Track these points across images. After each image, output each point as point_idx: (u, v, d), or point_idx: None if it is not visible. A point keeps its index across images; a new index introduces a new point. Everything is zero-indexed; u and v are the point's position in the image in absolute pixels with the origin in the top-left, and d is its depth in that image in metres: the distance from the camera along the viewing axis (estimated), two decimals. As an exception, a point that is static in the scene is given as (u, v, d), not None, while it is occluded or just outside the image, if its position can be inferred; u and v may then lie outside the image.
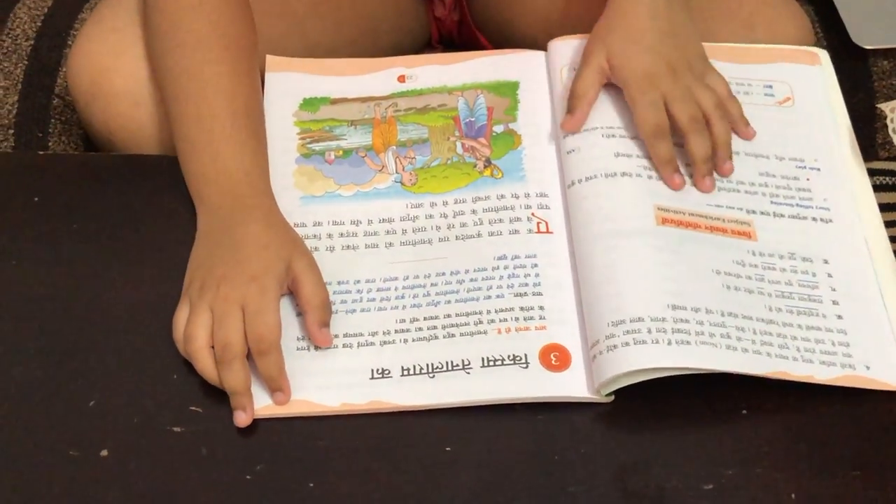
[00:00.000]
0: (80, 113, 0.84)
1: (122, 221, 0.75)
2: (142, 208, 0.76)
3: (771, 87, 0.79)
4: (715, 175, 0.73)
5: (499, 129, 0.77)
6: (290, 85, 0.79)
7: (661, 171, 0.72)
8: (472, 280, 0.70)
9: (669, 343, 0.63)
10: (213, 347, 0.64)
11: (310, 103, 0.79)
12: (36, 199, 0.76)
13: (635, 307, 0.65)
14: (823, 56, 0.81)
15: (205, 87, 0.73)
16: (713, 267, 0.68)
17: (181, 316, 0.66)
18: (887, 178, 0.94)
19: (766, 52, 0.81)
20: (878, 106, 0.79)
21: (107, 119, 0.81)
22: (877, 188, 0.81)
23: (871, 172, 0.79)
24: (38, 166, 0.81)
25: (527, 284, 0.69)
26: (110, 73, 0.80)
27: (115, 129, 0.81)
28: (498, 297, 0.69)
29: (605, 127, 0.74)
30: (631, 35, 0.73)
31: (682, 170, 0.73)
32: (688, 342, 0.63)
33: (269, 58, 0.81)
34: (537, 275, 0.69)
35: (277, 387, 0.64)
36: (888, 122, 0.76)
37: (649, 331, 0.63)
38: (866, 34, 0.96)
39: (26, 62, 0.98)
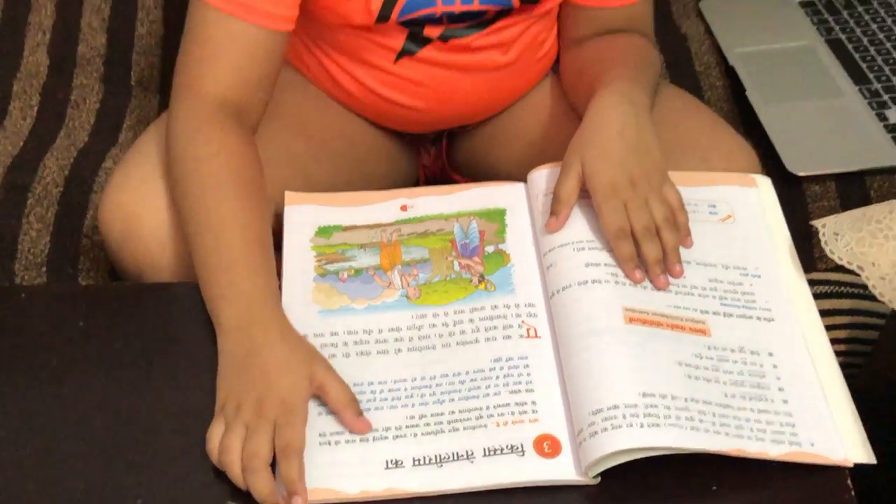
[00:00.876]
0: (112, 254, 0.93)
1: (157, 342, 0.83)
2: (173, 330, 0.85)
3: (714, 206, 0.90)
4: (672, 279, 0.83)
5: (490, 249, 0.88)
6: (306, 216, 0.90)
7: (623, 266, 0.83)
8: (472, 380, 0.79)
9: (642, 426, 0.72)
10: None
11: (324, 231, 0.89)
12: (81, 323, 0.84)
13: (611, 396, 0.74)
14: (761, 180, 0.93)
15: (222, 221, 0.83)
16: (676, 359, 0.78)
17: (216, 431, 0.74)
18: (826, 287, 1.06)
19: (709, 177, 0.92)
20: (812, 223, 0.90)
21: (137, 259, 0.90)
22: (818, 296, 0.91)
23: (812, 282, 0.90)
24: (80, 295, 0.90)
25: (520, 382, 0.78)
26: (140, 219, 0.89)
27: (145, 266, 0.90)
28: (495, 394, 0.78)
29: (574, 242, 0.85)
30: (602, 149, 0.85)
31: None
32: (658, 425, 0.73)
33: (288, 193, 0.91)
34: (529, 374, 0.79)
35: (295, 490, 0.72)
36: (821, 236, 0.87)
37: (624, 416, 0.73)
38: (799, 163, 1.09)
39: (57, 206, 1.07)
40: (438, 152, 1.12)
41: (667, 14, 1.29)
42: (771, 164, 1.07)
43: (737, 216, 0.90)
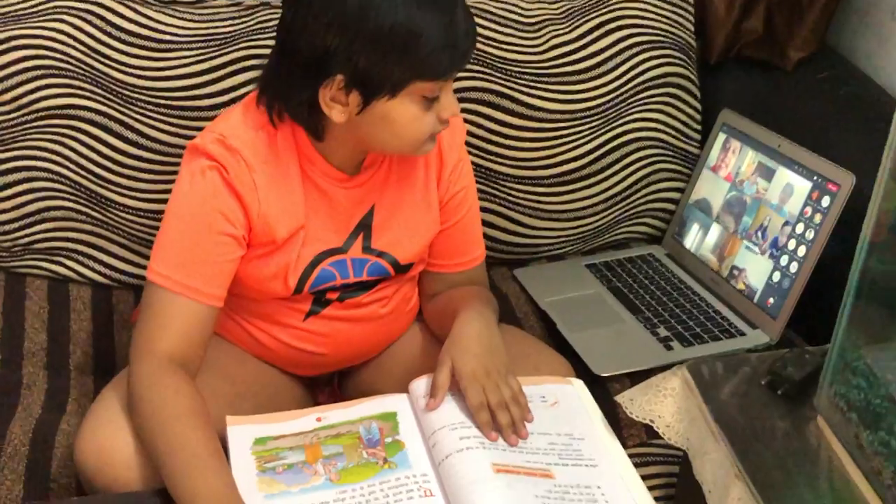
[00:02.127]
0: (87, 481, 1.13)
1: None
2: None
3: (544, 397, 1.21)
4: (522, 443, 1.12)
5: (389, 439, 1.14)
6: (245, 432, 1.15)
7: (482, 429, 1.12)
8: None
9: None
10: None
11: (260, 441, 1.13)
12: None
13: None
14: (575, 381, 1.25)
15: (189, 442, 1.07)
16: (534, 493, 1.05)
17: None
18: (637, 459, 1.35)
19: (539, 379, 1.23)
20: (615, 398, 1.22)
21: (108, 482, 1.12)
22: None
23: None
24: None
25: None
26: (111, 450, 1.11)
27: (116, 487, 1.11)
28: None
29: (448, 425, 1.13)
30: (465, 348, 1.16)
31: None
32: None
33: (229, 417, 1.16)
34: None
35: None
36: (622, 404, 1.19)
37: None
38: (601, 367, 1.42)
39: (26, 461, 1.27)
40: (332, 391, 1.39)
41: (490, 280, 1.65)
42: (581, 371, 1.40)
43: (561, 403, 1.21)
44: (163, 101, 1.56)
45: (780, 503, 0.99)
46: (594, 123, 1.71)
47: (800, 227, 1.50)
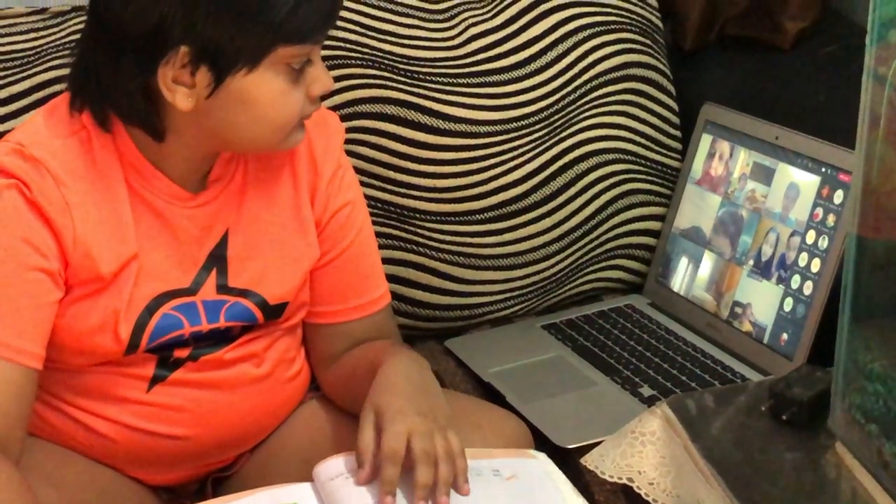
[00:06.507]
0: None
1: None
2: None
3: (497, 470, 1.40)
4: None
5: (291, 533, 1.33)
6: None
7: (380, 488, 1.27)
8: None
9: None
10: None
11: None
12: None
13: None
14: (537, 454, 1.45)
15: None
16: None
17: None
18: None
19: (490, 452, 1.43)
20: (581, 461, 1.42)
21: None
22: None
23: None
24: None
25: None
26: None
27: None
28: None
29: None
30: (391, 390, 1.34)
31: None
32: None
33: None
34: None
35: None
36: (589, 465, 1.39)
37: None
38: (567, 438, 1.63)
39: None
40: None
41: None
42: (540, 446, 1.59)
43: (520, 476, 1.40)
44: (-52, 146, 1.76)
45: (793, 545, 1.20)
46: (536, 135, 1.96)
47: (811, 236, 1.75)
